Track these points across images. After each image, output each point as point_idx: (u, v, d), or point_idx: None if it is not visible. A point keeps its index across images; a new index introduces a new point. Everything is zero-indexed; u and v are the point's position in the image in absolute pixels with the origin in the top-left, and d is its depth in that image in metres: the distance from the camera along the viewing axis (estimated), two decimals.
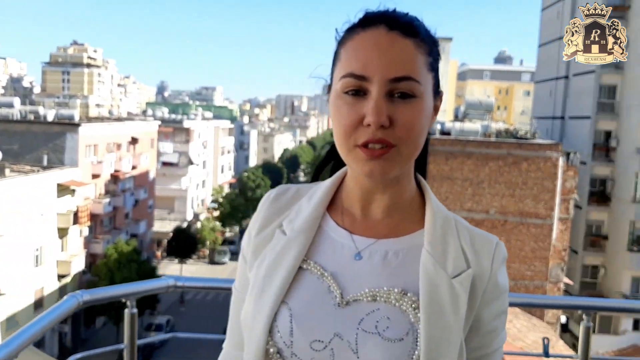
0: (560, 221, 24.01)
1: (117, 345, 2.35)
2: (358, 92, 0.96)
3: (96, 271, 34.45)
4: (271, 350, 1.01)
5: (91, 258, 36.34)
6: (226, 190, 66.10)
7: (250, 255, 1.14)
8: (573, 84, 35.88)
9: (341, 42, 1.03)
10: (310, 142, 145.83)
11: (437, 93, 1.04)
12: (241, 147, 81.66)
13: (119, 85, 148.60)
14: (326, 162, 1.21)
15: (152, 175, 47.99)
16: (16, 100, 40.79)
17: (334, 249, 1.06)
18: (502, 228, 22.86)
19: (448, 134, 25.57)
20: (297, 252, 1.06)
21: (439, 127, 26.27)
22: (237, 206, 59.96)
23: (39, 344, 30.66)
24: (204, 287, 2.67)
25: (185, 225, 53.27)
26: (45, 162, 34.16)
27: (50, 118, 38.53)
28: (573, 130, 35.22)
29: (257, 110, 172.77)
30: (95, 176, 36.83)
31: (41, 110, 40.12)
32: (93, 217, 36.04)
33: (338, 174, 1.12)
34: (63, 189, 32.62)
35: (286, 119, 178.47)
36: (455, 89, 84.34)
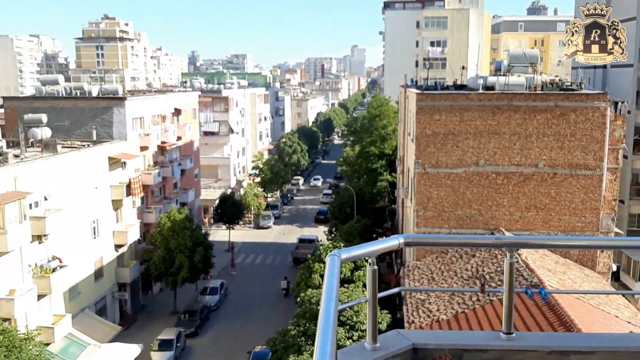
0: (609, 171, 23.82)
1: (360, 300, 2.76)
2: None
3: (151, 240, 35.52)
4: None
5: (145, 227, 37.45)
6: (266, 156, 66.81)
7: None
8: None
9: None
10: (343, 105, 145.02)
11: None
12: (276, 113, 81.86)
13: (151, 57, 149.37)
14: None
15: (196, 145, 48.74)
16: (60, 78, 41.44)
17: None
18: (552, 181, 22.88)
19: (492, 88, 25.35)
20: None
21: (481, 81, 26.01)
22: (277, 171, 60.71)
23: (101, 311, 32.10)
24: (430, 243, 3.00)
25: (229, 192, 54.32)
26: (94, 137, 35.01)
27: (94, 93, 39.14)
28: (615, 78, 34.45)
29: (287, 76, 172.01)
30: (143, 148, 37.53)
31: (85, 86, 40.63)
32: (144, 188, 36.99)
33: None
34: (114, 162, 33.56)
35: (317, 83, 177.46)
36: (490, 42, 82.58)
